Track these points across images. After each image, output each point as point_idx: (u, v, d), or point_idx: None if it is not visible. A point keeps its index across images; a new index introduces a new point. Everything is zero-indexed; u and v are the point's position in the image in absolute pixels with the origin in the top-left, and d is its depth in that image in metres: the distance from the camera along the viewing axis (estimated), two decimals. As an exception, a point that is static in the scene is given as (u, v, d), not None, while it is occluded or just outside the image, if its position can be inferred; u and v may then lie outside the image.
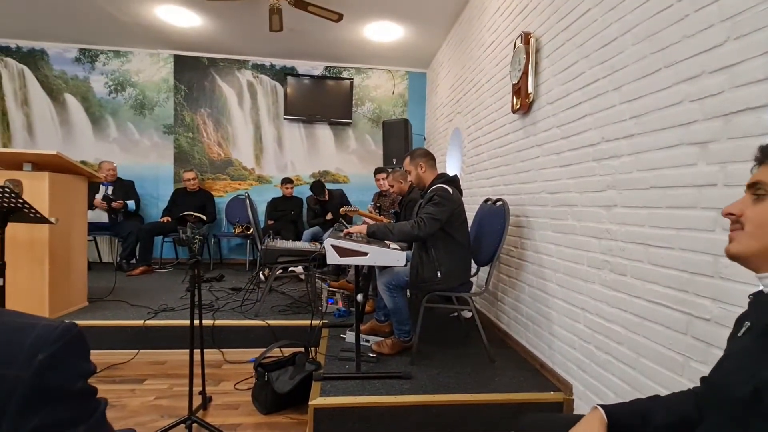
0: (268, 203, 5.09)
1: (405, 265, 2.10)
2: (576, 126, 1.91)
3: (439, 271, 2.16)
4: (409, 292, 2.60)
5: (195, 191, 4.83)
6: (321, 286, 3.21)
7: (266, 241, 3.15)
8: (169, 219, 4.61)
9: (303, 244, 3.24)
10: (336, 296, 3.11)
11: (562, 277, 2.00)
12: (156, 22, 4.27)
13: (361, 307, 2.12)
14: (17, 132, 5.00)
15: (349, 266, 3.10)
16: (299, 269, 3.94)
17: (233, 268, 4.88)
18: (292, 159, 5.43)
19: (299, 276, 4.08)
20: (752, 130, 1.08)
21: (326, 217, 4.68)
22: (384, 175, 4.03)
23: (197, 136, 5.27)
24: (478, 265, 2.51)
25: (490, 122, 3.05)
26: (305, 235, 4.55)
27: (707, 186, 1.22)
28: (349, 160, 5.52)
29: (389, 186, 3.52)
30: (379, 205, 4.17)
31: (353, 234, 2.14)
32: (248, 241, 4.92)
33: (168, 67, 5.17)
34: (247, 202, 3.38)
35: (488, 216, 2.51)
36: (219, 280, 4.08)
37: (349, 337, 2.48)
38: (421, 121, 5.52)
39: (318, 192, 4.62)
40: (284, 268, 3.47)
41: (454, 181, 2.31)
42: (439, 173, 2.38)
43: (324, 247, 1.94)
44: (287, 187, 4.95)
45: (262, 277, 3.82)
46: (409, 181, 2.56)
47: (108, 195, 4.36)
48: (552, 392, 1.92)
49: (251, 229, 4.32)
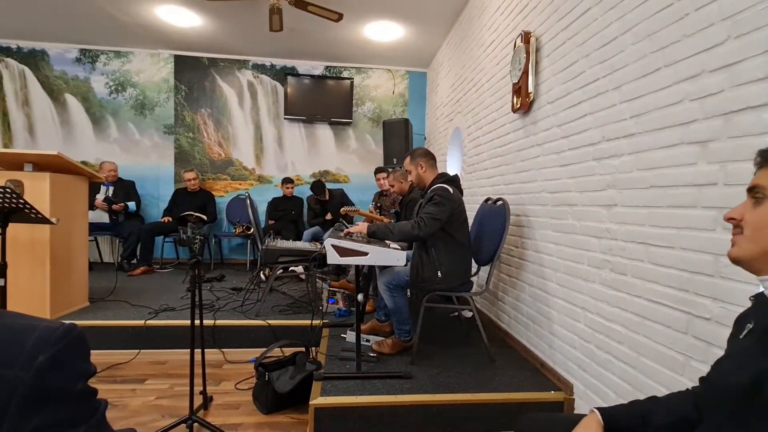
0: (269, 203, 5.09)
1: (405, 265, 2.10)
2: (576, 125, 1.91)
3: (439, 271, 2.17)
4: (409, 292, 2.61)
5: (195, 191, 4.83)
6: (321, 286, 3.21)
7: (267, 241, 3.15)
8: (170, 219, 4.62)
9: (303, 244, 3.24)
10: (336, 296, 3.12)
11: (563, 277, 2.00)
12: (156, 22, 4.27)
13: (361, 307, 2.12)
14: (18, 132, 5.01)
15: (350, 266, 3.10)
16: (300, 269, 3.94)
17: (234, 268, 4.89)
18: (293, 159, 5.44)
19: (300, 276, 4.09)
20: (752, 129, 1.08)
21: (326, 217, 4.68)
22: (384, 175, 4.03)
23: (198, 136, 5.27)
24: (478, 265, 2.51)
25: (490, 122, 3.05)
26: (305, 235, 4.56)
27: (707, 185, 1.22)
28: (349, 159, 5.52)
29: (389, 186, 3.52)
30: (379, 204, 4.17)
31: (353, 234, 2.14)
32: (249, 241, 4.92)
33: (168, 67, 5.17)
34: (248, 202, 3.38)
35: (488, 215, 2.51)
36: (220, 280, 4.08)
37: (350, 336, 2.48)
38: (422, 121, 5.52)
39: (318, 192, 4.62)
40: (285, 268, 3.48)
41: (454, 180, 2.31)
42: (439, 173, 2.38)
43: (324, 247, 1.94)
44: (288, 187, 4.95)
45: (262, 277, 3.82)
46: (410, 180, 2.56)
47: (109, 196, 4.36)
48: (552, 392, 1.92)
49: (252, 229, 4.33)
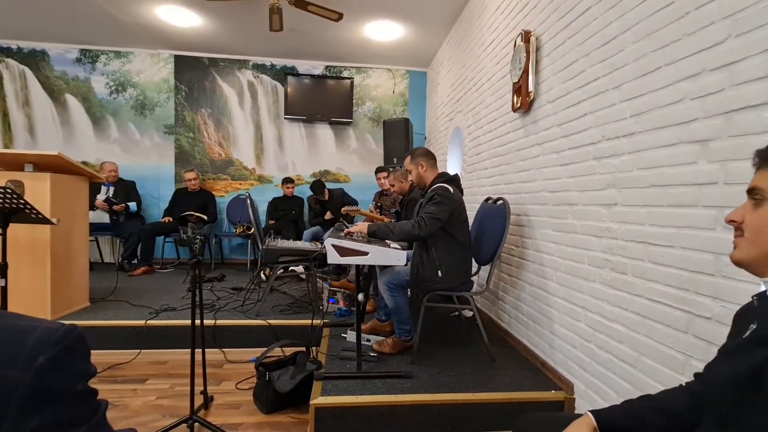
0: (269, 203, 5.09)
1: (406, 265, 2.10)
2: (576, 124, 1.90)
3: (439, 271, 2.16)
4: (409, 292, 2.61)
5: (196, 191, 4.83)
6: (322, 286, 3.21)
7: (267, 240, 3.15)
8: (171, 219, 4.62)
9: (304, 244, 3.24)
10: (337, 296, 3.12)
11: (563, 276, 2.00)
12: (156, 22, 4.27)
13: (361, 307, 2.12)
14: (19, 133, 5.02)
15: (350, 266, 3.10)
16: (300, 269, 3.94)
17: (234, 267, 4.89)
18: (293, 159, 5.44)
19: (300, 276, 4.09)
20: (753, 128, 1.08)
21: (324, 217, 4.67)
22: (385, 174, 4.03)
23: (198, 136, 5.28)
24: (478, 264, 2.51)
25: (490, 121, 3.05)
26: (305, 234, 4.56)
27: (708, 184, 1.22)
28: (349, 159, 5.52)
29: (390, 185, 3.52)
30: (380, 204, 4.17)
31: (354, 233, 2.14)
32: (249, 241, 4.92)
33: (168, 67, 5.17)
34: (248, 201, 3.38)
35: (489, 215, 2.51)
36: (220, 280, 4.08)
37: (350, 336, 2.48)
38: (422, 120, 5.52)
39: (318, 191, 4.62)
40: (285, 268, 3.48)
41: (454, 180, 2.31)
42: (439, 172, 2.38)
43: (325, 247, 1.94)
44: (288, 187, 4.95)
45: (263, 276, 3.82)
46: (410, 180, 2.56)
47: (110, 197, 4.36)
48: (553, 391, 1.92)
49: (252, 229, 4.33)
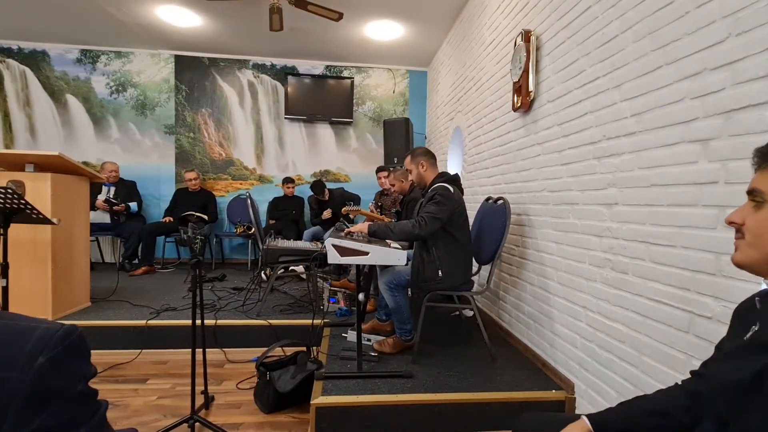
0: (270, 203, 5.09)
1: (406, 265, 2.10)
2: (577, 124, 1.90)
3: (440, 270, 2.16)
4: (410, 291, 2.61)
5: (196, 191, 4.84)
6: (322, 286, 3.21)
7: (268, 240, 3.15)
8: (171, 219, 4.62)
9: (304, 244, 3.24)
10: (337, 295, 3.12)
11: (564, 276, 2.00)
12: (156, 22, 4.27)
13: (362, 307, 2.12)
14: (19, 133, 5.02)
15: (351, 265, 3.10)
16: (300, 269, 3.94)
17: (235, 267, 4.89)
18: (293, 158, 5.44)
19: (301, 275, 4.09)
20: (754, 127, 1.08)
21: (323, 216, 4.64)
22: (385, 174, 4.03)
23: (198, 136, 5.28)
24: (479, 264, 2.51)
25: (490, 120, 3.04)
26: (305, 234, 4.55)
27: (708, 183, 1.21)
28: (350, 159, 5.52)
29: (390, 185, 3.52)
30: (380, 204, 4.17)
31: (354, 233, 2.14)
32: (250, 241, 4.93)
33: (169, 67, 5.18)
34: (249, 201, 3.38)
35: (489, 215, 2.50)
36: (221, 279, 4.08)
37: (351, 336, 2.48)
38: (422, 120, 5.51)
39: (318, 191, 4.62)
40: (285, 268, 3.48)
41: (454, 179, 2.31)
42: (440, 172, 2.38)
43: (325, 247, 1.94)
44: (288, 187, 4.95)
45: (263, 276, 3.82)
46: (410, 180, 2.56)
47: (110, 198, 4.36)
48: (554, 391, 1.92)
49: (253, 229, 4.33)
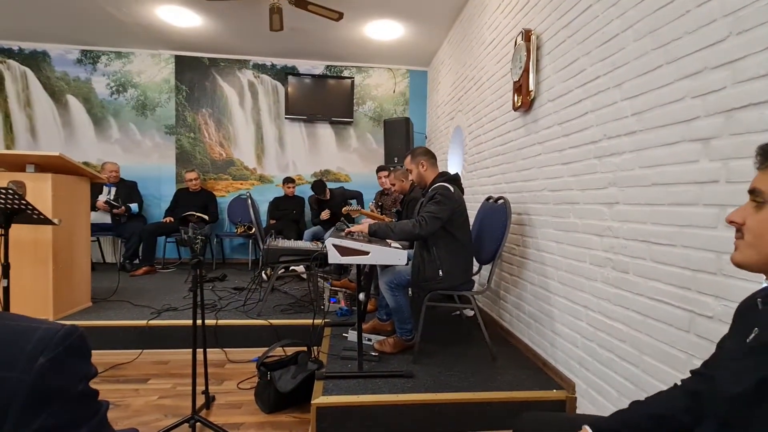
0: (270, 203, 5.09)
1: (406, 264, 2.10)
2: (577, 123, 1.90)
3: (440, 270, 2.16)
4: (410, 291, 2.60)
5: (197, 191, 4.84)
6: (323, 285, 3.21)
7: (268, 240, 3.15)
8: (172, 219, 4.62)
9: (305, 244, 3.24)
10: (338, 295, 3.12)
11: (564, 275, 2.00)
12: (157, 22, 4.27)
13: (363, 306, 2.12)
14: (20, 134, 5.03)
15: (351, 265, 3.10)
16: (301, 268, 3.94)
17: (236, 267, 4.89)
18: (294, 158, 5.44)
19: (301, 275, 4.09)
20: (755, 126, 1.08)
21: (321, 217, 4.62)
22: (386, 173, 4.03)
23: (199, 137, 5.28)
24: (479, 264, 2.51)
25: (491, 120, 3.04)
26: (306, 234, 4.55)
27: (709, 183, 1.21)
28: (350, 159, 5.52)
29: (391, 184, 3.52)
30: (381, 203, 4.17)
31: (355, 233, 2.14)
32: (250, 241, 4.93)
33: (169, 67, 5.18)
34: (249, 201, 3.38)
35: (490, 214, 2.50)
36: (222, 279, 4.09)
37: (351, 336, 2.48)
38: (423, 120, 5.51)
39: (319, 191, 4.62)
40: (286, 268, 3.48)
41: (455, 179, 2.31)
42: (440, 171, 2.38)
43: (326, 247, 1.94)
44: (289, 187, 4.95)
45: (264, 276, 3.83)
46: (411, 179, 2.56)
47: (110, 200, 4.36)
48: (555, 390, 1.92)
49: (253, 229, 4.33)
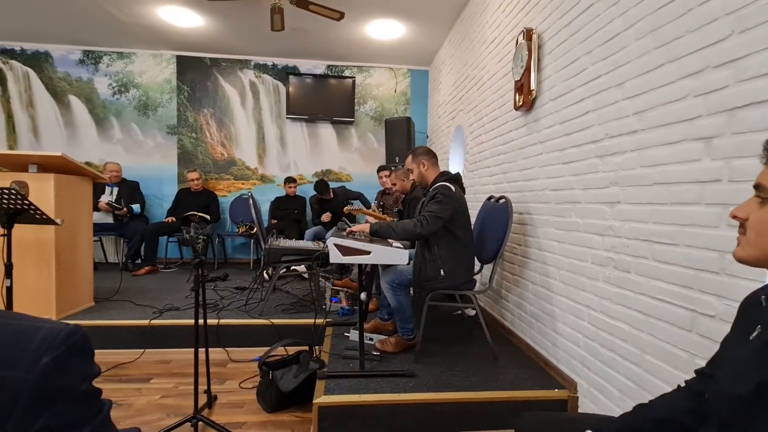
0: (272, 202, 5.10)
1: (408, 264, 2.10)
2: (579, 122, 1.90)
3: (442, 270, 2.16)
4: (412, 291, 2.60)
5: (199, 191, 4.85)
6: (325, 285, 3.21)
7: (270, 240, 3.16)
8: (174, 219, 4.63)
9: (306, 243, 3.24)
10: (339, 295, 3.12)
11: (566, 275, 2.00)
12: (158, 22, 4.28)
13: (364, 306, 2.12)
14: (23, 134, 5.04)
15: (353, 265, 3.10)
16: (302, 268, 3.94)
17: (237, 267, 4.90)
18: (295, 158, 5.44)
19: (303, 275, 4.09)
20: (757, 125, 1.07)
21: (322, 219, 4.59)
22: (387, 173, 4.03)
23: (200, 137, 5.29)
24: (481, 263, 2.51)
25: (492, 119, 3.04)
26: (307, 234, 4.55)
27: (712, 182, 1.21)
28: (351, 158, 5.52)
29: (392, 184, 3.52)
30: (382, 203, 4.17)
31: (356, 233, 2.14)
32: (252, 241, 4.93)
33: (171, 67, 5.19)
34: (251, 201, 3.39)
35: (491, 214, 2.50)
36: (223, 279, 4.09)
37: (353, 335, 2.48)
38: (424, 119, 5.51)
39: (322, 191, 4.62)
40: (288, 267, 3.48)
41: (456, 178, 2.31)
42: (441, 171, 2.37)
43: (327, 246, 1.94)
44: (290, 187, 4.96)
45: (266, 276, 3.83)
46: (412, 179, 2.56)
47: (112, 202, 4.36)
48: (556, 390, 1.91)
49: (255, 229, 4.33)
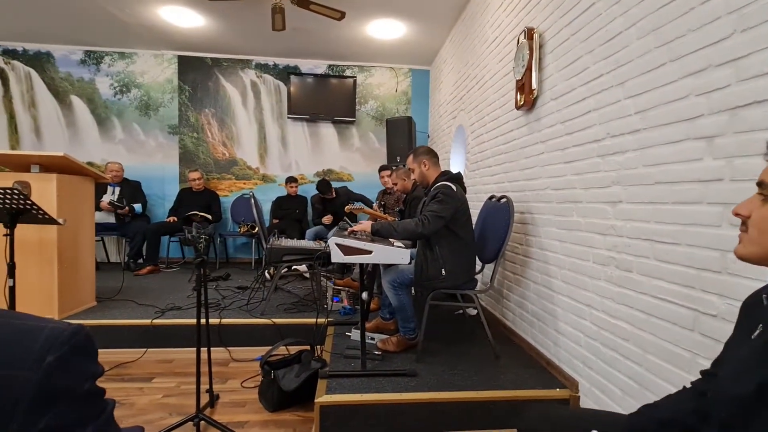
0: (273, 202, 5.10)
1: (409, 263, 2.10)
2: (580, 122, 1.89)
3: (443, 269, 2.16)
4: (413, 290, 2.61)
5: (200, 191, 4.86)
6: (326, 285, 3.22)
7: (271, 239, 3.16)
8: (175, 219, 4.64)
9: (308, 243, 3.25)
10: (341, 294, 3.13)
11: (568, 274, 1.99)
12: (159, 22, 4.29)
13: (366, 305, 2.13)
14: (25, 134, 5.06)
15: (354, 264, 3.10)
16: (304, 268, 3.95)
17: (239, 266, 4.91)
18: (297, 158, 5.44)
19: (304, 274, 4.09)
20: (759, 124, 1.07)
21: (323, 221, 4.61)
22: (388, 173, 4.03)
23: (202, 136, 5.30)
24: (482, 263, 2.51)
25: (493, 119, 3.04)
26: (308, 233, 4.55)
27: (713, 181, 1.21)
28: (353, 158, 5.52)
29: (393, 184, 3.52)
30: (383, 203, 4.17)
31: (357, 232, 2.14)
32: (253, 240, 4.94)
33: (172, 67, 5.19)
34: (252, 201, 3.39)
35: (493, 213, 2.50)
36: (225, 279, 4.10)
37: (355, 334, 2.48)
38: (425, 119, 5.51)
39: (324, 190, 4.62)
40: (289, 267, 3.49)
41: (457, 178, 2.31)
42: (442, 170, 2.37)
43: (329, 246, 1.94)
44: (292, 186, 4.96)
45: (267, 275, 3.84)
46: (413, 178, 2.56)
47: (113, 201, 4.38)
48: (558, 389, 1.92)
49: (256, 228, 4.34)
